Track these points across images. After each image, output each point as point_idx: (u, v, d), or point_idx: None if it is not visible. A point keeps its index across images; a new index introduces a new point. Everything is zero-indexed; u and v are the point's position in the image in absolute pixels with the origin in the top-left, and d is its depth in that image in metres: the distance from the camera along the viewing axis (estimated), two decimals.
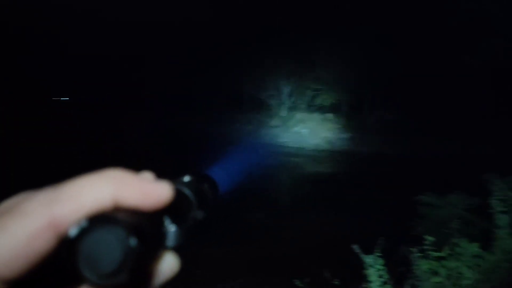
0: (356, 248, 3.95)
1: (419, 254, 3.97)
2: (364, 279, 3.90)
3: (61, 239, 0.32)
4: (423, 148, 20.29)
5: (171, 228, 0.38)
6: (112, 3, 23.97)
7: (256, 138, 24.14)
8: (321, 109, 24.90)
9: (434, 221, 4.79)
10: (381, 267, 3.85)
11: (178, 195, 0.41)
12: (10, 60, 23.67)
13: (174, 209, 0.39)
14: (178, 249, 0.39)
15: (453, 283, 3.66)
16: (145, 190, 0.36)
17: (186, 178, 0.47)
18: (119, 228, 0.31)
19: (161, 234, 0.37)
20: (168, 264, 0.39)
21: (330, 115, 24.70)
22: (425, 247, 4.08)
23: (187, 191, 0.44)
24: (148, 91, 26.34)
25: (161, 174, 0.42)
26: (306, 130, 24.48)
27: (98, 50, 24.93)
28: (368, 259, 3.88)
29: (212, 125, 24.87)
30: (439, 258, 3.90)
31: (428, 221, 4.92)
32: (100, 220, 0.31)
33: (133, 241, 0.30)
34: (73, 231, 0.31)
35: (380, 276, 3.83)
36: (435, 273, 3.75)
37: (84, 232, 0.31)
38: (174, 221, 0.39)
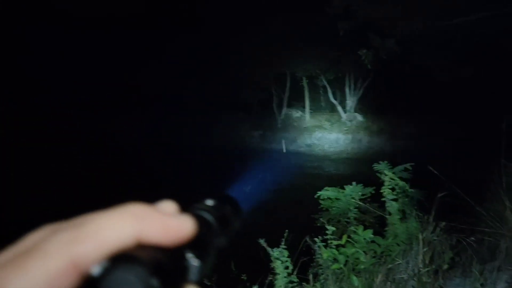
0: (262, 242, 4.07)
1: (321, 244, 4.20)
2: (270, 271, 4.02)
3: (82, 279, 0.31)
4: (328, 143, 21.44)
5: (193, 263, 0.36)
6: None
7: (170, 138, 23.72)
8: (233, 108, 25.14)
9: (334, 212, 5.10)
10: (287, 259, 4.01)
11: (200, 223, 0.39)
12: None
13: (197, 240, 0.37)
14: (200, 282, 0.38)
15: (351, 268, 3.91)
16: (167, 226, 0.35)
17: (209, 202, 0.45)
18: (140, 268, 0.30)
19: (183, 269, 0.36)
20: None
21: (241, 114, 25.03)
22: (326, 237, 4.33)
23: (209, 217, 0.42)
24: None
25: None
26: (218, 129, 24.55)
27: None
28: (274, 252, 4.01)
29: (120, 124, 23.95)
30: (338, 246, 4.16)
31: (329, 212, 5.22)
32: (122, 260, 0.31)
33: (154, 282, 0.30)
34: (95, 271, 0.30)
35: (286, 268, 3.98)
36: (335, 260, 3.98)
37: (106, 272, 0.30)
38: (197, 254, 0.37)
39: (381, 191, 4.92)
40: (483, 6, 10.09)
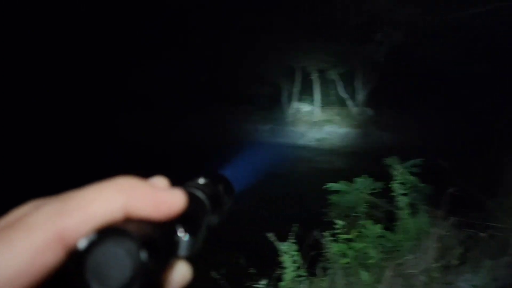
0: (271, 236, 4.05)
1: (330, 238, 4.18)
2: (279, 265, 4.02)
3: (69, 252, 0.30)
4: (338, 138, 21.37)
5: (184, 237, 0.36)
6: None
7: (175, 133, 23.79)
8: (241, 102, 25.10)
9: (343, 206, 5.07)
10: (295, 253, 3.99)
11: (192, 200, 0.39)
12: None
13: (188, 215, 0.37)
14: (191, 257, 0.37)
15: (359, 263, 3.90)
16: (158, 199, 0.34)
17: (201, 180, 0.45)
18: (129, 241, 0.29)
19: (174, 244, 0.35)
20: (180, 273, 0.37)
21: (249, 108, 25.00)
22: (335, 231, 4.31)
23: (201, 194, 0.42)
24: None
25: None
26: (223, 123, 24.56)
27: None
28: (283, 246, 4.00)
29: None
30: (347, 241, 4.14)
31: (338, 206, 5.19)
32: (110, 233, 0.30)
33: (144, 255, 0.29)
34: (81, 244, 0.29)
35: (294, 262, 3.97)
36: (344, 255, 3.96)
37: (93, 245, 0.29)
38: (187, 229, 0.36)
39: (391, 185, 4.88)
40: None
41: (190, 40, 23.42)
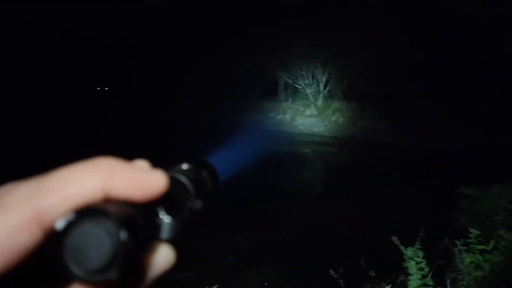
0: (395, 239, 3.84)
1: (461, 247, 3.82)
2: (401, 271, 3.80)
3: (46, 233, 0.30)
4: (461, 137, 19.63)
5: (166, 220, 0.36)
6: None
7: (291, 127, 24.10)
8: (358, 98, 24.47)
9: (477, 213, 4.61)
10: (421, 260, 3.74)
11: (175, 184, 0.39)
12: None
13: (170, 199, 0.37)
14: (175, 241, 0.37)
15: (497, 278, 3.50)
16: (138, 179, 0.33)
17: (185, 166, 0.45)
18: (108, 221, 0.29)
19: (155, 226, 0.35)
20: (163, 257, 0.36)
21: (367, 104, 24.25)
22: (468, 240, 3.92)
23: (184, 179, 0.42)
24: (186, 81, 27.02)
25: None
26: (342, 119, 24.14)
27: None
28: (408, 251, 3.77)
29: (247, 114, 24.92)
30: (482, 252, 3.75)
31: (470, 213, 4.74)
32: (89, 213, 0.29)
33: (123, 235, 0.28)
34: (59, 225, 0.29)
35: (420, 269, 3.72)
36: (478, 267, 3.60)
37: (71, 225, 0.29)
38: (170, 212, 0.36)
39: None
40: None
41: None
